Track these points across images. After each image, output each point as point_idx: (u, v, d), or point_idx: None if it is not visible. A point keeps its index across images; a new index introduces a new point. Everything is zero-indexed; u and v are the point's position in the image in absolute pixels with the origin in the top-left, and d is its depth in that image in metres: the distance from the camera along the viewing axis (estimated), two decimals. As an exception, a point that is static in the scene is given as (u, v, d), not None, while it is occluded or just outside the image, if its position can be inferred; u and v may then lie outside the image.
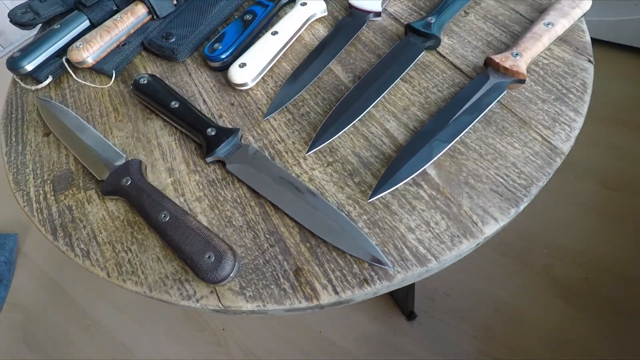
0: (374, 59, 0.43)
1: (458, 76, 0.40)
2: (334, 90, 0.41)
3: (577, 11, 0.40)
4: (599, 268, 0.78)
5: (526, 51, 0.38)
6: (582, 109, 0.36)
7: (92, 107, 0.45)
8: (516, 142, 0.35)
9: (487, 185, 0.33)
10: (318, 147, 0.36)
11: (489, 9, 0.46)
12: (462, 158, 0.35)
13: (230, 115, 0.41)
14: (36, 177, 0.40)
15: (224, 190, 0.36)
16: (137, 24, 0.49)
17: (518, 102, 0.37)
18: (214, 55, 0.43)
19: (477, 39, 0.43)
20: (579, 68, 0.39)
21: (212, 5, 0.50)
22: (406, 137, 0.37)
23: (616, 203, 0.86)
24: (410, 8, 0.47)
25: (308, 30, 0.47)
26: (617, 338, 0.71)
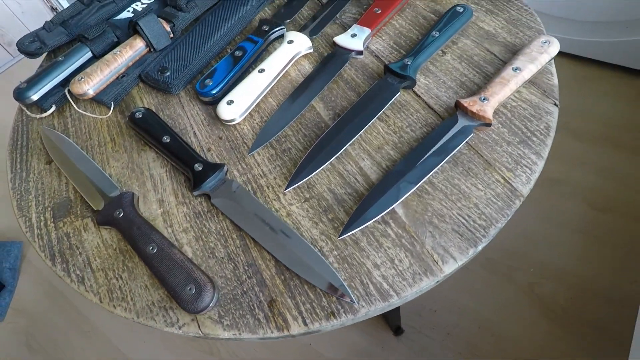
0: (354, 97, 0.46)
1: (431, 116, 0.43)
2: (314, 127, 0.44)
3: (545, 56, 0.43)
4: (583, 288, 0.80)
5: (493, 96, 0.40)
6: (543, 153, 0.39)
7: (91, 137, 0.48)
8: (480, 184, 0.38)
9: (450, 225, 0.36)
10: (296, 184, 0.39)
11: (466, 48, 0.48)
12: (428, 198, 0.37)
13: (218, 149, 0.44)
14: (38, 204, 0.43)
15: (208, 222, 0.39)
16: (135, 57, 0.53)
17: (485, 144, 0.40)
18: (205, 91, 0.47)
19: (452, 79, 0.46)
20: (545, 111, 0.42)
21: (205, 40, 0.53)
22: (378, 175, 0.40)
23: (603, 224, 0.88)
24: (391, 46, 0.50)
25: (294, 66, 0.50)
26: (599, 355, 0.73)
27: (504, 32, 0.49)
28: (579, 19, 1.08)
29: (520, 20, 0.50)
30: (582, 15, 1.08)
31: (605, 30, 1.07)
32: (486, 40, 0.49)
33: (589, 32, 1.10)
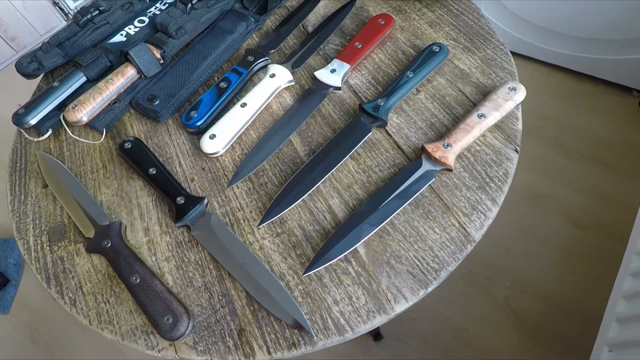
0: (330, 133, 0.49)
1: (399, 157, 0.46)
2: (290, 162, 0.48)
3: (510, 103, 0.46)
4: (556, 304, 0.84)
5: (457, 142, 0.43)
6: (499, 199, 0.42)
7: (84, 162, 0.52)
8: (437, 227, 0.41)
9: (405, 267, 0.39)
10: (268, 221, 0.43)
11: (439, 87, 0.51)
12: (388, 238, 0.41)
13: (200, 180, 0.48)
14: (35, 227, 0.48)
15: (189, 252, 0.43)
16: (127, 84, 0.56)
17: (446, 187, 0.43)
18: (190, 123, 0.50)
19: (423, 119, 0.49)
20: (505, 157, 0.45)
21: (194, 68, 0.56)
22: (345, 214, 0.43)
23: (582, 242, 0.91)
24: (369, 82, 0.53)
25: (276, 98, 0.53)
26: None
27: (477, 72, 0.52)
28: (577, 35, 1.09)
29: (495, 60, 0.52)
30: (580, 32, 1.08)
31: (602, 48, 1.08)
32: (460, 79, 0.51)
33: (586, 48, 1.11)
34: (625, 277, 0.72)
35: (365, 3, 0.62)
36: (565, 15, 1.08)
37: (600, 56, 1.10)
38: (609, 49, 1.08)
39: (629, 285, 0.71)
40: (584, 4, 1.03)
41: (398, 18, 0.59)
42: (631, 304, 0.68)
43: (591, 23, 1.05)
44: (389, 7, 0.61)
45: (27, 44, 1.58)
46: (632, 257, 0.74)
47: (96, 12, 0.63)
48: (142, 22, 0.63)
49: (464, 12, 0.58)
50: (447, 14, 0.59)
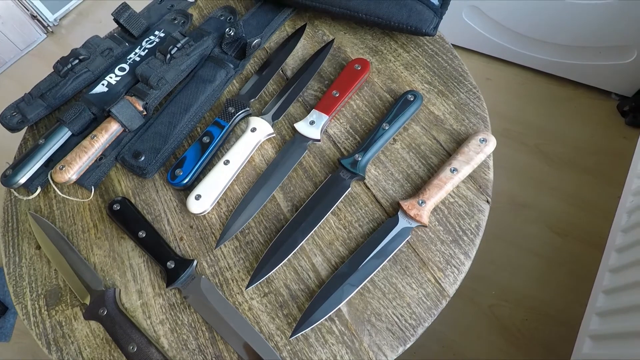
0: (311, 187, 0.51)
1: (377, 211, 0.48)
2: (274, 219, 0.50)
3: (481, 156, 0.48)
4: (537, 311, 0.89)
5: (430, 199, 0.46)
6: (471, 253, 0.45)
7: (75, 222, 0.53)
8: (414, 283, 0.44)
9: (385, 324, 0.42)
10: (256, 283, 0.45)
11: (415, 136, 0.53)
12: (369, 296, 0.44)
13: (189, 239, 0.50)
14: (32, 291, 0.50)
15: (181, 314, 0.46)
16: (111, 139, 0.57)
17: (422, 242, 0.46)
18: (176, 182, 0.52)
19: (399, 170, 0.51)
20: (477, 209, 0.47)
21: (177, 120, 0.57)
22: (328, 272, 0.46)
23: (562, 249, 0.95)
24: (347, 131, 0.55)
25: (258, 151, 0.55)
26: None
27: (451, 118, 0.54)
28: (558, 42, 1.11)
29: (468, 105, 0.54)
30: (560, 39, 1.10)
31: (580, 54, 1.10)
32: (435, 126, 0.53)
33: (565, 54, 1.13)
34: (604, 273, 0.76)
35: (342, 43, 0.63)
36: (543, 23, 1.09)
37: (579, 62, 1.12)
38: (586, 55, 1.10)
39: (607, 282, 0.74)
40: (559, 13, 1.05)
41: (374, 60, 0.61)
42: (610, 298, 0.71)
43: (568, 31, 1.07)
44: (366, 48, 0.62)
45: (7, 59, 1.55)
46: (611, 254, 0.77)
47: (76, 61, 0.64)
48: (123, 70, 0.63)
49: (438, 53, 0.60)
50: (422, 54, 0.60)
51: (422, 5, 0.58)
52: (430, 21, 0.57)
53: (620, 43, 1.03)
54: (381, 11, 0.58)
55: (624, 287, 0.64)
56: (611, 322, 0.64)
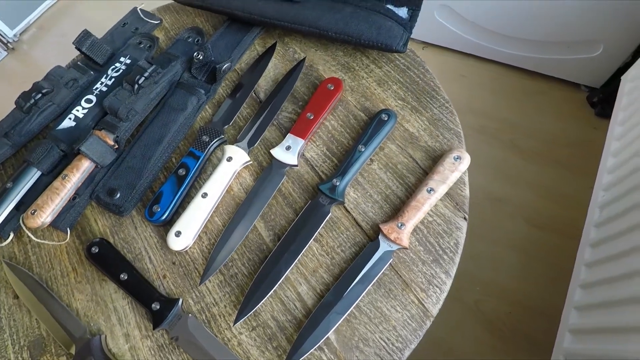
0: (292, 214, 0.52)
1: (359, 234, 0.49)
2: (257, 250, 0.50)
3: (456, 174, 0.49)
4: (520, 304, 0.92)
5: (409, 221, 0.47)
6: (451, 271, 0.46)
7: (53, 266, 0.53)
8: (398, 306, 0.45)
9: (373, 349, 0.43)
10: (243, 318, 0.45)
11: (391, 155, 0.54)
12: (355, 322, 0.45)
13: (172, 276, 0.50)
14: (14, 343, 0.49)
15: (171, 355, 0.46)
16: (83, 177, 0.56)
17: (404, 264, 0.47)
18: (155, 219, 0.51)
19: (378, 192, 0.52)
20: (455, 227, 0.49)
21: (150, 153, 0.56)
22: (314, 301, 0.46)
23: (539, 242, 0.99)
24: (324, 154, 0.55)
25: (236, 179, 0.55)
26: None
27: (426, 135, 0.55)
28: (528, 38, 1.14)
29: (441, 120, 0.55)
30: (530, 35, 1.13)
31: (551, 48, 1.14)
32: (410, 144, 0.54)
33: (537, 49, 1.16)
34: (580, 268, 0.79)
35: (314, 61, 0.63)
36: (513, 20, 1.12)
37: (549, 56, 1.15)
38: (556, 50, 1.13)
39: (584, 276, 0.78)
40: (528, 10, 1.07)
41: (347, 77, 0.61)
42: (587, 292, 0.75)
43: (537, 27, 1.10)
44: (337, 65, 0.62)
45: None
46: (586, 248, 0.81)
47: (39, 95, 0.62)
48: (90, 101, 0.62)
49: (410, 67, 0.61)
50: (394, 69, 0.61)
51: (391, 21, 0.58)
52: (400, 37, 0.57)
53: (587, 37, 1.06)
54: (350, 29, 0.58)
55: (600, 282, 0.67)
56: (589, 316, 0.67)
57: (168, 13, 0.74)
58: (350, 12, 0.59)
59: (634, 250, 0.62)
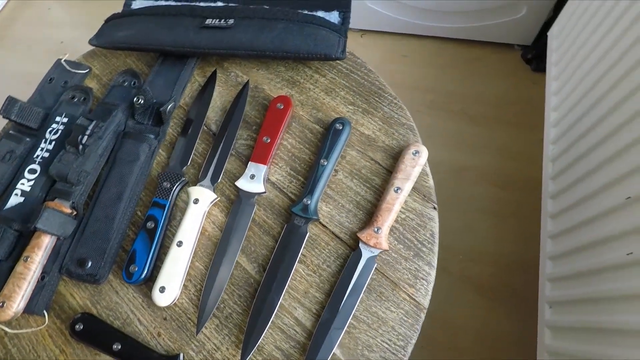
0: (271, 242, 0.52)
1: (340, 247, 0.51)
2: (245, 284, 0.51)
3: (417, 169, 0.52)
4: (500, 262, 0.99)
5: (384, 224, 0.49)
6: (433, 262, 0.49)
7: (38, 354, 0.51)
8: (392, 306, 0.47)
9: (378, 354, 0.46)
10: (248, 356, 0.46)
11: (353, 162, 0.55)
12: (356, 332, 0.47)
13: (167, 332, 0.50)
14: None
15: (183, 410, 0.46)
16: (47, 254, 0.53)
17: (388, 265, 0.49)
18: (134, 280, 0.50)
19: (348, 200, 0.53)
20: (427, 217, 0.51)
21: (113, 213, 0.55)
22: (312, 321, 0.48)
23: (507, 201, 1.05)
24: (289, 174, 0.56)
25: (208, 219, 0.55)
26: (521, 318, 0.93)
27: (382, 135, 0.57)
28: (456, 9, 1.19)
29: (393, 117, 0.58)
30: (457, 6, 1.18)
31: (480, 16, 1.20)
32: (369, 147, 0.56)
33: (467, 19, 1.22)
34: (546, 220, 0.86)
35: (258, 81, 0.63)
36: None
37: (480, 23, 1.21)
38: (484, 16, 1.19)
39: (551, 227, 0.84)
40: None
41: (294, 92, 0.62)
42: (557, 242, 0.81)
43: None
44: (282, 81, 0.63)
45: None
46: (547, 201, 0.87)
47: (-25, 177, 0.58)
48: (34, 171, 0.59)
49: (353, 70, 0.62)
50: (338, 75, 0.62)
51: (325, 30, 0.59)
52: (337, 45, 0.59)
53: (509, 1, 1.12)
54: (287, 46, 0.59)
55: (566, 230, 0.73)
56: (563, 264, 0.73)
57: (95, 59, 0.71)
58: (283, 28, 0.59)
59: (590, 196, 0.68)
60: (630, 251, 0.52)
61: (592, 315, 0.61)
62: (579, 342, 0.64)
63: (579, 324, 0.64)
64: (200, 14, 0.62)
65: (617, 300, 0.56)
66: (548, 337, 0.73)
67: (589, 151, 0.70)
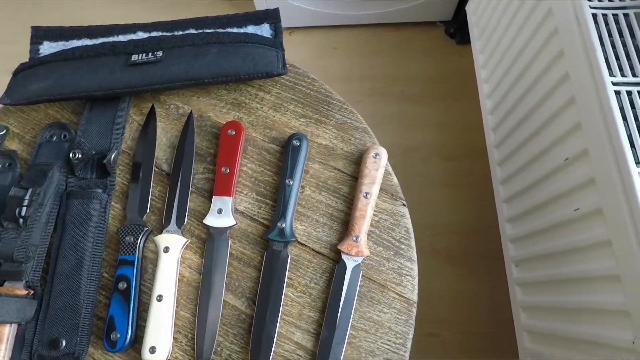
0: (254, 272, 0.52)
1: (323, 262, 0.52)
2: (238, 322, 0.50)
3: (381, 170, 0.54)
4: (463, 230, 1.06)
5: (361, 231, 0.51)
6: (413, 256, 0.52)
7: None
8: (384, 308, 0.50)
9: (381, 357, 0.48)
10: (256, 394, 0.46)
11: (317, 174, 0.56)
12: (356, 341, 0.48)
13: (166, 391, 0.48)
14: None
15: None
16: (11, 344, 0.49)
17: (372, 269, 0.51)
18: (118, 348, 0.48)
19: (321, 214, 0.54)
20: (399, 215, 0.54)
21: (77, 284, 0.51)
22: (313, 342, 0.49)
23: (457, 171, 1.12)
24: (256, 199, 0.56)
25: (182, 264, 0.53)
26: (492, 279, 1.01)
27: (339, 142, 0.58)
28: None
29: (346, 122, 0.59)
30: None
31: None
32: (329, 157, 0.57)
33: (388, 3, 1.25)
34: (498, 186, 0.93)
35: (202, 109, 0.61)
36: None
37: (400, 6, 1.25)
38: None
39: (503, 193, 0.92)
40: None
41: (242, 114, 0.61)
42: (511, 205, 0.88)
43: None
44: (227, 104, 0.61)
45: None
46: (495, 168, 0.94)
47: None
48: (-30, 256, 0.53)
49: (297, 81, 0.62)
50: (282, 89, 0.62)
51: (261, 47, 0.59)
52: (276, 60, 0.58)
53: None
54: (225, 70, 0.57)
55: (517, 194, 0.80)
56: (520, 225, 0.80)
57: (10, 116, 0.64)
58: (217, 52, 0.58)
59: (533, 160, 0.74)
60: (577, 207, 0.59)
61: (553, 269, 0.68)
62: (546, 293, 0.71)
63: (543, 277, 0.71)
64: (123, 50, 0.58)
65: (571, 252, 0.62)
66: (519, 293, 0.80)
67: (525, 118, 0.76)
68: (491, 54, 0.93)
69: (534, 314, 0.76)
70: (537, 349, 0.74)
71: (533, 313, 0.76)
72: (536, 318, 0.75)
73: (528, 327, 0.78)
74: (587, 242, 0.57)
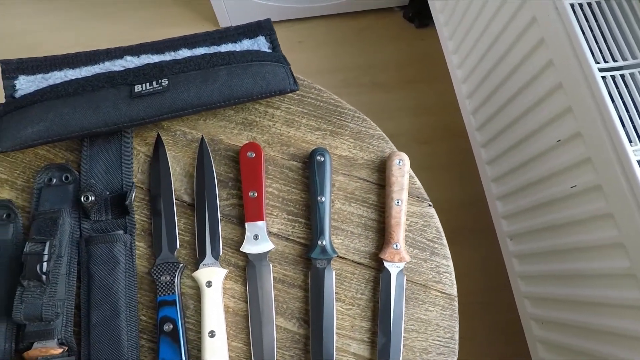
0: (300, 292, 0.53)
1: (365, 272, 0.54)
2: (294, 344, 0.51)
3: (407, 176, 0.56)
4: (452, 209, 1.13)
5: (400, 238, 0.53)
6: (447, 253, 0.56)
7: None
8: (430, 306, 0.53)
9: (434, 353, 0.51)
10: (326, 410, 0.48)
11: (344, 186, 0.58)
12: (409, 342, 0.52)
13: None
14: None
15: None
16: (58, 409, 0.47)
17: (413, 272, 0.54)
18: (178, 392, 0.47)
19: (355, 225, 0.56)
20: (428, 216, 0.57)
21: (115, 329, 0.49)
22: (369, 350, 0.51)
23: (437, 153, 1.19)
24: (288, 219, 0.56)
25: (226, 296, 0.53)
26: (485, 250, 1.09)
27: (358, 152, 0.59)
28: None
29: (361, 130, 0.61)
30: None
31: None
32: (351, 167, 0.59)
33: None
34: (484, 166, 0.99)
35: (211, 133, 0.60)
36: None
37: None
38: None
39: (490, 173, 0.98)
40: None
41: (255, 133, 0.60)
42: (499, 184, 0.95)
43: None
44: (237, 125, 0.60)
45: None
46: (480, 150, 1.00)
47: None
48: (-13, 325, 0.49)
49: (304, 95, 0.62)
50: (291, 104, 0.62)
51: (268, 64, 0.58)
52: (287, 76, 0.58)
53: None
54: (237, 92, 0.56)
55: (506, 173, 0.87)
56: (511, 202, 0.87)
57: (-7, 161, 0.58)
58: (226, 75, 0.56)
59: (522, 141, 0.80)
60: (574, 184, 0.66)
61: (550, 240, 0.76)
62: (544, 262, 0.79)
63: (541, 249, 0.79)
64: (122, 81, 0.55)
65: (571, 224, 0.70)
66: (516, 264, 0.88)
67: (508, 102, 0.82)
68: (462, 41, 0.98)
69: (533, 282, 0.85)
70: (539, 313, 0.83)
71: (532, 281, 0.85)
72: (536, 285, 0.84)
73: (528, 294, 0.86)
74: (586, 215, 0.65)
